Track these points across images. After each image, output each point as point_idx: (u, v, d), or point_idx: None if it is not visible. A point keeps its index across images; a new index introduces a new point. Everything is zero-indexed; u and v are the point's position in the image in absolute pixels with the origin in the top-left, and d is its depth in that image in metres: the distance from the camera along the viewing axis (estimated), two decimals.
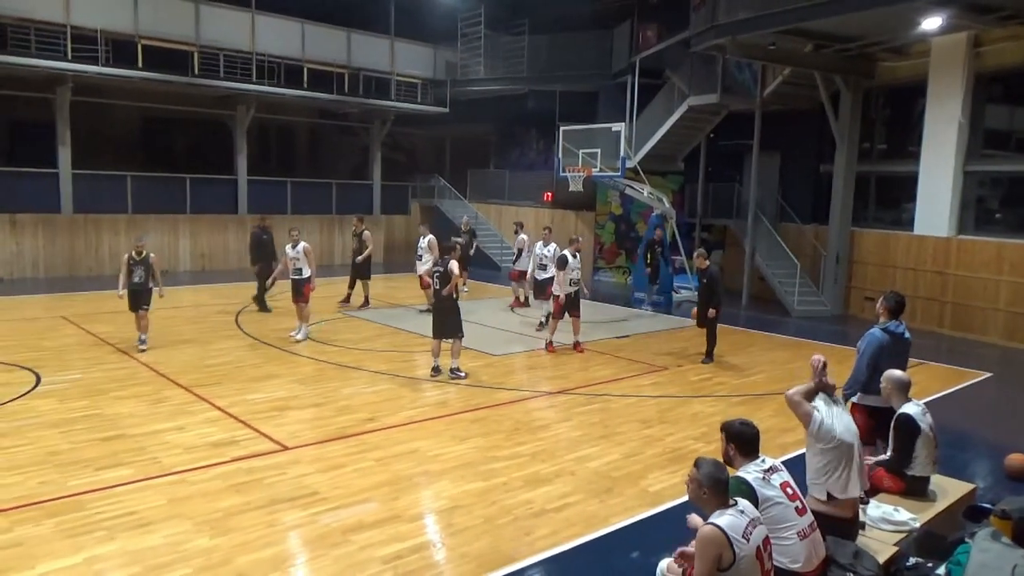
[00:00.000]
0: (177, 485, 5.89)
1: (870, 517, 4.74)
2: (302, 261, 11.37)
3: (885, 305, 6.17)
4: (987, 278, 13.38)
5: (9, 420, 7.31)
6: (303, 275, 11.33)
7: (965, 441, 7.96)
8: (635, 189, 17.00)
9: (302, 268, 11.35)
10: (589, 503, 5.86)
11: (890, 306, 6.14)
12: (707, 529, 3.49)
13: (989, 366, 11.41)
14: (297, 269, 11.37)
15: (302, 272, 11.34)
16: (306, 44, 20.01)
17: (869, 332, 6.12)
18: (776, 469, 4.06)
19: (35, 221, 17.21)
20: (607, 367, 10.50)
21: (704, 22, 14.18)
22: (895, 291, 6.39)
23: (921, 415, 5.36)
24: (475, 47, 22.45)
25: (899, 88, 15.55)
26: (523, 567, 4.85)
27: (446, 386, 9.18)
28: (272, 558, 4.82)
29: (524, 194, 22.98)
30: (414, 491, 6.00)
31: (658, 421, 8.12)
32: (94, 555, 4.75)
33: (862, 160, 15.67)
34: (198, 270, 19.46)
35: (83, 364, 9.58)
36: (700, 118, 18.05)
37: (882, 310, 6.19)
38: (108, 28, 16.70)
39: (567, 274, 11.17)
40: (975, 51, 13.51)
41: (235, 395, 8.41)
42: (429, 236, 14.21)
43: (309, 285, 11.31)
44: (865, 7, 11.68)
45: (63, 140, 17.37)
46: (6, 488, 5.71)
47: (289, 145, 25.53)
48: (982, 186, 14.23)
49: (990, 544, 3.64)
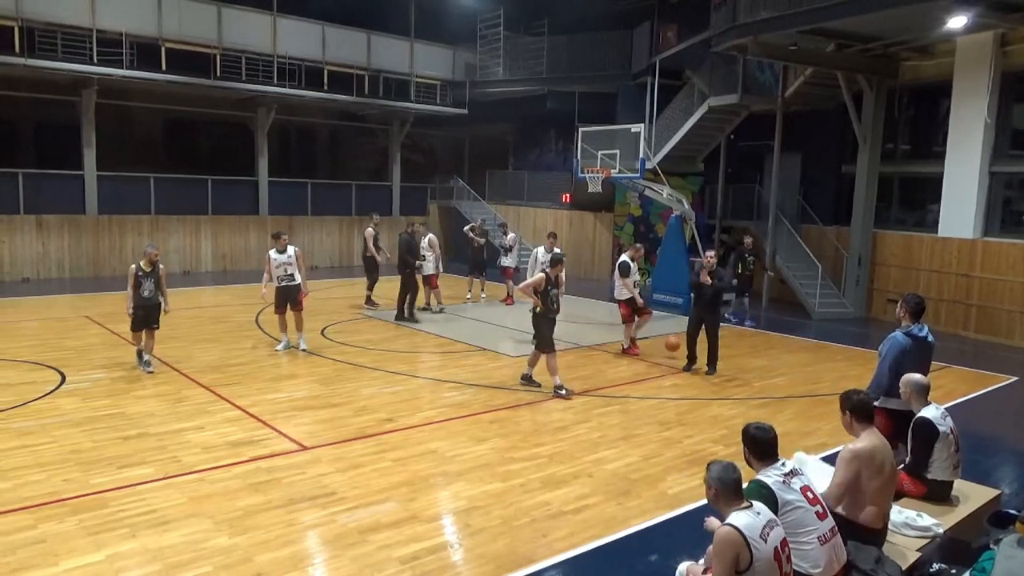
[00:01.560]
0: (197, 484, 5.94)
1: (893, 522, 4.68)
2: (293, 267, 10.57)
3: (906, 308, 6.12)
4: (1013, 280, 13.17)
5: (35, 418, 7.42)
6: (295, 281, 10.59)
7: (990, 446, 7.84)
8: (654, 190, 16.91)
9: (293, 274, 10.57)
10: (607, 505, 5.84)
11: (911, 309, 6.09)
12: (724, 530, 3.48)
13: (1014, 370, 11.21)
14: (288, 275, 10.56)
15: (293, 278, 10.58)
16: (326, 46, 20.15)
17: (891, 336, 6.06)
18: (796, 473, 4.02)
19: (60, 222, 17.48)
20: (626, 369, 10.46)
21: (725, 22, 14.09)
22: (915, 293, 6.34)
23: (940, 419, 5.29)
24: (494, 48, 22.48)
25: (923, 88, 15.35)
26: (540, 569, 4.84)
27: (464, 387, 9.18)
28: (290, 557, 4.85)
29: (543, 195, 22.97)
30: (432, 492, 6.01)
31: (677, 423, 8.07)
32: (116, 552, 4.80)
33: (885, 161, 15.49)
34: (220, 271, 19.65)
35: (106, 363, 9.71)
36: (720, 119, 17.94)
37: (903, 313, 6.14)
38: (132, 31, 16.94)
39: (631, 278, 11.22)
40: (1002, 50, 13.30)
41: (255, 395, 8.48)
42: (429, 235, 14.10)
43: (303, 292, 10.71)
44: (890, 6, 11.53)
45: (88, 142, 17.63)
46: (31, 485, 5.79)
47: (309, 146, 25.71)
48: (1009, 187, 14.01)
49: (1016, 551, 3.58)
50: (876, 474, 4.35)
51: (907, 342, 5.95)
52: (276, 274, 10.56)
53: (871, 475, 4.34)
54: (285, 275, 10.55)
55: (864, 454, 4.37)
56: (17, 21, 15.51)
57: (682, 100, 18.50)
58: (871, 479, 4.34)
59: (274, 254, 10.57)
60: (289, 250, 10.61)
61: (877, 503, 4.38)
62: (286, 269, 10.55)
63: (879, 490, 4.37)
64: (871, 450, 4.39)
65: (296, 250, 10.72)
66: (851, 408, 4.57)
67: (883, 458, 4.41)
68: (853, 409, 4.56)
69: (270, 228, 20.50)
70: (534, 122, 24.25)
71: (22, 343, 10.69)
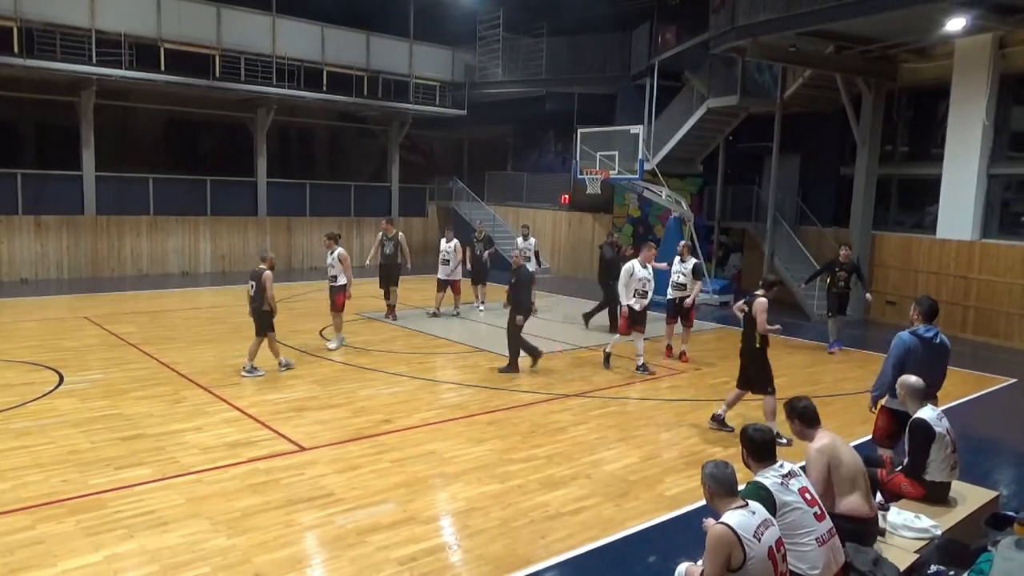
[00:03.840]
0: (196, 485, 5.94)
1: (891, 524, 4.68)
2: (337, 268, 10.91)
3: (918, 310, 6.17)
4: (1011, 282, 13.18)
5: (33, 419, 7.41)
6: (338, 282, 10.90)
7: (988, 448, 7.85)
8: (653, 192, 16.93)
9: (337, 275, 10.91)
10: (605, 506, 5.84)
11: (923, 310, 6.13)
12: (716, 528, 3.50)
13: (1013, 371, 11.22)
14: (332, 276, 10.96)
15: (336, 279, 10.92)
16: (326, 47, 20.15)
17: (898, 335, 6.09)
18: (795, 474, 4.03)
19: (59, 223, 17.46)
20: (624, 370, 10.46)
21: (724, 23, 14.09)
22: (928, 295, 6.37)
23: (936, 419, 5.30)
24: (493, 49, 22.49)
25: (922, 90, 15.36)
26: (539, 570, 4.84)
27: (462, 388, 9.18)
28: (289, 558, 4.84)
29: (542, 196, 22.97)
30: (430, 493, 6.00)
31: (675, 424, 8.08)
32: (114, 553, 4.79)
33: (884, 162, 15.50)
34: (218, 271, 19.64)
35: (104, 364, 9.70)
36: (719, 120, 17.95)
37: (915, 315, 6.17)
38: (132, 32, 16.93)
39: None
40: (1000, 52, 13.31)
41: (254, 396, 8.47)
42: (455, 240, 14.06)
43: (343, 293, 10.87)
44: (889, 8, 11.53)
45: (87, 143, 17.62)
46: (29, 486, 5.79)
47: (308, 147, 25.72)
48: (1007, 189, 14.02)
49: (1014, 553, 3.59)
50: (844, 463, 4.51)
51: (912, 341, 5.97)
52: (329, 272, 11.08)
53: (838, 464, 4.50)
54: (330, 276, 11.06)
55: (827, 448, 4.54)
56: (16, 21, 15.49)
57: (681, 101, 18.50)
58: (839, 467, 4.50)
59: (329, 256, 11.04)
60: (335, 252, 10.95)
61: (858, 488, 4.50)
62: (330, 271, 11.04)
63: (854, 477, 4.51)
64: (832, 443, 4.57)
65: (341, 252, 10.95)
66: (798, 416, 4.68)
67: (843, 448, 4.60)
68: (800, 416, 4.67)
69: (269, 229, 20.57)
70: (533, 123, 24.27)
71: (20, 344, 10.68)
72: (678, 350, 11.17)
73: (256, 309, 9.33)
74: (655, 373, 10.18)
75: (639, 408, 8.65)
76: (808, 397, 4.79)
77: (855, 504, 4.45)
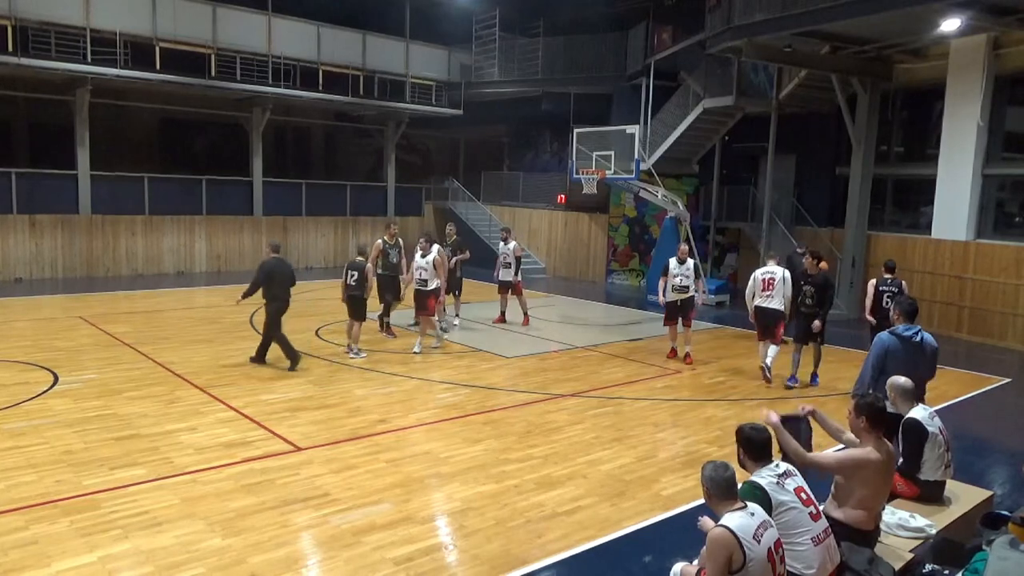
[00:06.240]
0: (190, 485, 5.92)
1: (886, 523, 4.69)
2: (429, 272, 10.72)
3: (898, 310, 6.23)
4: (1006, 283, 13.22)
5: (26, 419, 7.38)
6: (428, 287, 10.71)
7: (983, 447, 7.87)
8: (649, 192, 16.93)
9: (428, 279, 10.72)
10: (601, 506, 5.84)
11: (903, 310, 6.20)
12: (716, 531, 3.50)
13: (1007, 371, 11.26)
14: (423, 280, 10.75)
15: (427, 284, 10.72)
16: (321, 46, 20.11)
17: (877, 335, 6.15)
18: (791, 474, 4.03)
19: (54, 222, 17.39)
20: (620, 370, 10.46)
21: (720, 24, 14.12)
22: (907, 296, 6.44)
23: (928, 419, 5.33)
24: (489, 49, 22.48)
25: (917, 90, 15.41)
26: (535, 570, 4.84)
27: (458, 388, 9.17)
28: (284, 558, 4.83)
29: (538, 196, 22.98)
30: (426, 493, 6.00)
31: (671, 424, 8.08)
32: (108, 554, 4.78)
33: (879, 163, 15.54)
34: (213, 271, 19.59)
35: (99, 364, 9.66)
36: (715, 120, 17.96)
37: (896, 315, 6.22)
38: (127, 31, 16.86)
39: (670, 280, 10.72)
40: (995, 53, 13.36)
41: (249, 396, 8.45)
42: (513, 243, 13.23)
43: (434, 297, 10.77)
44: (884, 9, 11.57)
45: (82, 142, 17.55)
46: (23, 487, 5.76)
47: (304, 147, 25.67)
48: (1001, 190, 14.07)
49: (1008, 552, 3.59)
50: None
51: (891, 341, 6.01)
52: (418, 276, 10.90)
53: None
54: (419, 279, 10.88)
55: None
56: (10, 20, 15.42)
57: (677, 102, 18.51)
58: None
59: (417, 258, 10.85)
60: (430, 255, 10.78)
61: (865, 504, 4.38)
62: (421, 274, 10.83)
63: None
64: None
65: (436, 257, 10.81)
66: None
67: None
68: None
69: (264, 229, 20.53)
70: (529, 123, 24.27)
71: (14, 343, 10.63)
72: (682, 352, 11.16)
73: (355, 296, 10.26)
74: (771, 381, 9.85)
75: (635, 408, 8.65)
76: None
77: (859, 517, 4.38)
